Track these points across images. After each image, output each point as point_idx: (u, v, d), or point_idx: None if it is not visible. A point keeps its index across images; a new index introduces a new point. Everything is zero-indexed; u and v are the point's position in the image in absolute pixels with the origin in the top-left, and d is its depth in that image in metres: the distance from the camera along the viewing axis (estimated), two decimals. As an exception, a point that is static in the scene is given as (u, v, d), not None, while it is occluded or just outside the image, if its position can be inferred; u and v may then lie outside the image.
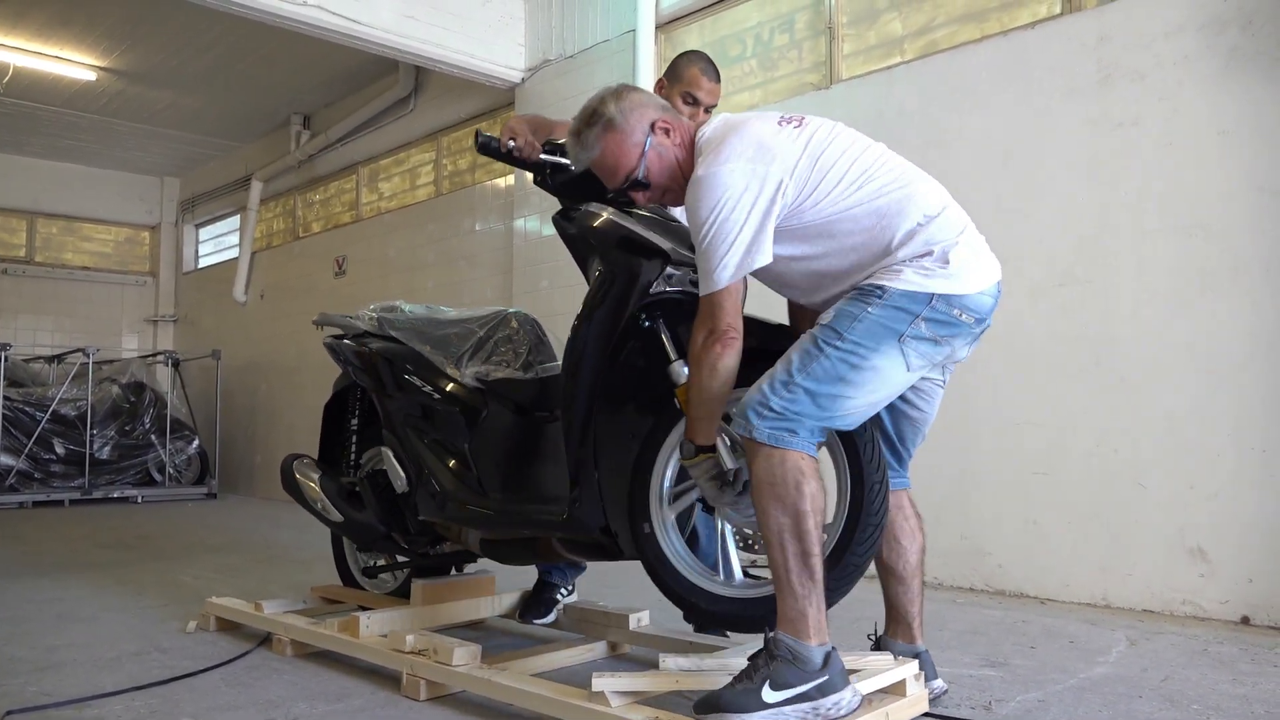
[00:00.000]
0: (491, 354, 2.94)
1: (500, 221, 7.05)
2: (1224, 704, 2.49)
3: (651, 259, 2.32)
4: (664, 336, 2.32)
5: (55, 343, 10.40)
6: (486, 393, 2.87)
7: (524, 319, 3.01)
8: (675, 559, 2.34)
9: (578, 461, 2.41)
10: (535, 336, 2.99)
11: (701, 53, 3.13)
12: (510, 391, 2.86)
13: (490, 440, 2.84)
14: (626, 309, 2.31)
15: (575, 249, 2.48)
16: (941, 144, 4.41)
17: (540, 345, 2.97)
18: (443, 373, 2.90)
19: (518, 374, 2.87)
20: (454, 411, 2.88)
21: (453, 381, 2.89)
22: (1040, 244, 4.05)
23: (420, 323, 3.03)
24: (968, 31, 4.48)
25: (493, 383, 2.87)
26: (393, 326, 3.02)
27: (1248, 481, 3.48)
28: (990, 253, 2.20)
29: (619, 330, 2.33)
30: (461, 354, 2.93)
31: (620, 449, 2.40)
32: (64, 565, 4.89)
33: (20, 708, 2.43)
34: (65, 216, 11.04)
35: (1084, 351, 3.91)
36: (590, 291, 2.39)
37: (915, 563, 2.44)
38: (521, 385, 2.85)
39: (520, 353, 2.93)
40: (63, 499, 8.34)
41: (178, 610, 3.67)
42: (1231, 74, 3.60)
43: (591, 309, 2.37)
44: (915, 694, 2.30)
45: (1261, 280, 3.49)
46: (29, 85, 8.45)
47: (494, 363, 2.92)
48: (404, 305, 3.14)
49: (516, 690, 2.31)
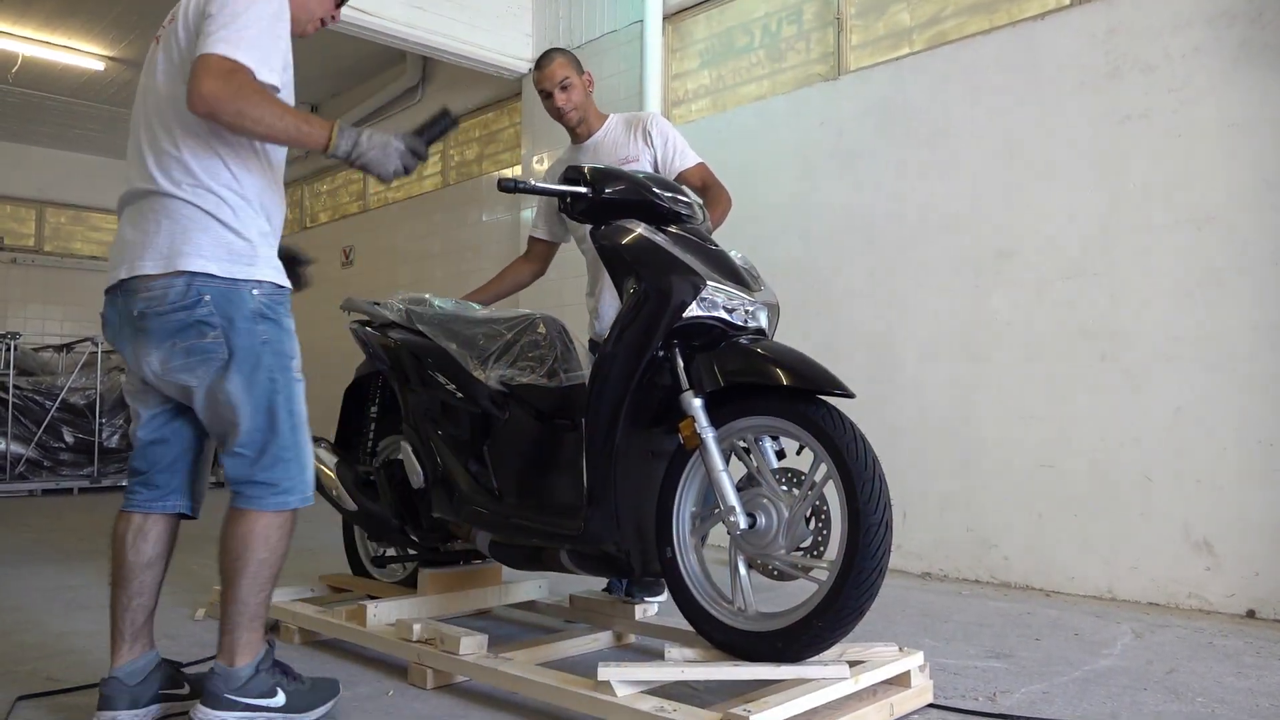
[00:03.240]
0: (518, 358, 2.91)
1: (507, 213, 7.05)
2: (1229, 697, 2.49)
3: (686, 281, 2.28)
4: (678, 364, 2.30)
5: (64, 332, 10.43)
6: (509, 397, 2.86)
7: (552, 324, 2.98)
8: (693, 586, 2.33)
9: (596, 477, 2.38)
10: (562, 344, 2.96)
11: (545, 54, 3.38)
12: (533, 398, 2.84)
13: (509, 445, 2.84)
14: (659, 329, 2.28)
15: (612, 266, 2.44)
16: (949, 136, 4.40)
17: (567, 353, 2.93)
18: (467, 373, 2.88)
19: (542, 381, 2.84)
20: (475, 413, 2.87)
21: (477, 383, 2.86)
22: (1047, 237, 4.04)
23: (448, 319, 3.00)
24: (976, 23, 4.46)
25: (516, 387, 2.85)
26: (420, 320, 3.00)
27: (1254, 475, 3.47)
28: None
29: (650, 350, 2.30)
30: (488, 355, 2.90)
31: (641, 468, 2.39)
32: (73, 553, 4.92)
33: (30, 694, 2.46)
34: (74, 206, 11.07)
35: (1091, 344, 3.90)
36: (623, 308, 2.37)
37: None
38: (545, 393, 2.83)
39: (546, 359, 2.89)
40: (71, 487, 8.37)
41: (185, 598, 3.69)
42: (1241, 67, 3.58)
43: (623, 327, 2.34)
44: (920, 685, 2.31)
45: (1269, 274, 3.48)
46: (37, 75, 8.47)
47: (519, 367, 2.89)
48: (434, 299, 3.11)
49: (523, 679, 2.32)
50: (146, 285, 2.04)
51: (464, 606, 3.14)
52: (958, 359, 4.25)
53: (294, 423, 2.14)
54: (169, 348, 2.05)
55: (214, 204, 2.05)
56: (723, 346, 2.29)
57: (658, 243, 2.34)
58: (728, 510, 2.20)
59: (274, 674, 2.14)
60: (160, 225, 2.04)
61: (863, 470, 2.07)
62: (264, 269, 2.10)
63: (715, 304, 2.30)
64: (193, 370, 2.06)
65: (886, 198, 4.57)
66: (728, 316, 2.32)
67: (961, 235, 4.32)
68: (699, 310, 2.28)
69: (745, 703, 2.05)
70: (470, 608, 3.18)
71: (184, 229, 2.03)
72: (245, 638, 2.09)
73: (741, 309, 2.35)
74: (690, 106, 5.76)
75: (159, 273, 2.02)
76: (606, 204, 2.41)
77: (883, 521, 2.05)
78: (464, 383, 2.88)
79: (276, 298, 2.14)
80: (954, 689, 2.51)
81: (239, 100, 1.91)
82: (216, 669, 2.09)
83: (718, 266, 2.36)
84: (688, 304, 2.27)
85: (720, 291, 2.31)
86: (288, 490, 2.12)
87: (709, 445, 2.23)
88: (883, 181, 4.58)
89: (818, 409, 2.15)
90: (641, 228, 2.37)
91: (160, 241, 2.03)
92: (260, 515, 2.10)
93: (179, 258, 2.01)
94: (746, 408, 2.26)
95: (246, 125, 1.93)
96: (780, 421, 2.21)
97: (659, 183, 2.49)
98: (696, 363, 2.27)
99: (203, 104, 1.91)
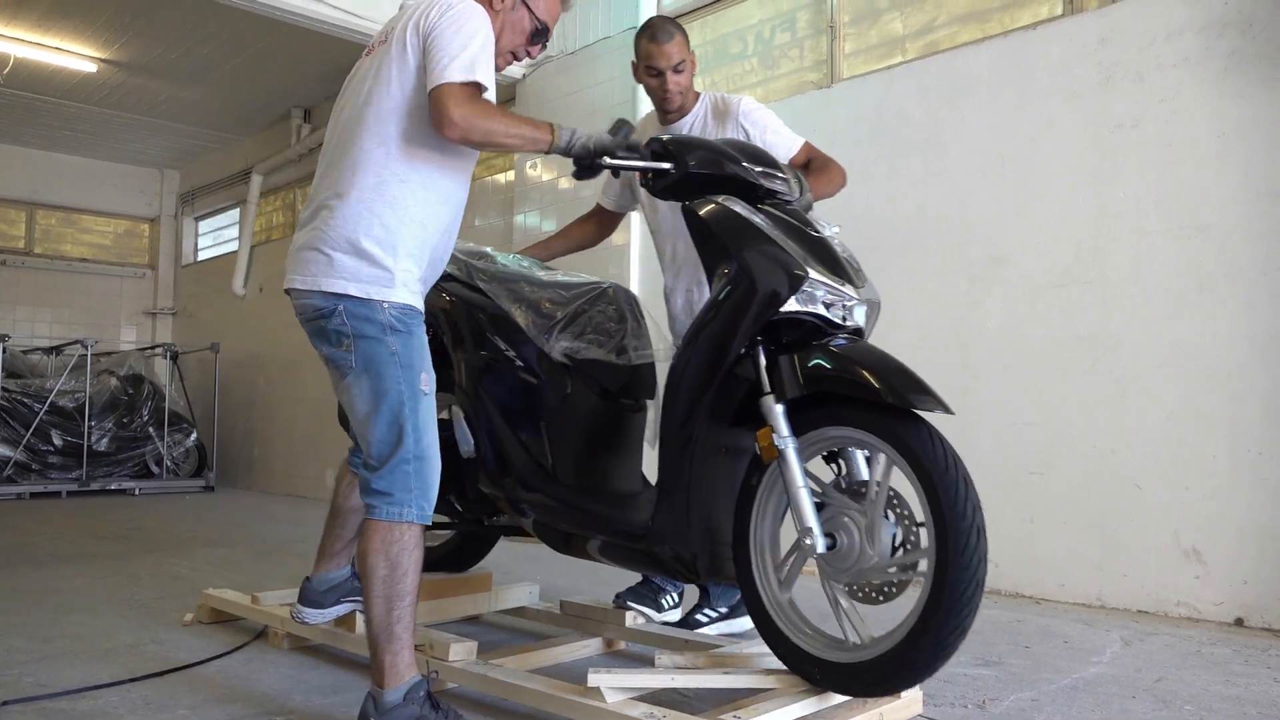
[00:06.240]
0: (585, 329, 2.67)
1: (500, 217, 7.05)
2: (1217, 705, 2.50)
3: (786, 271, 2.07)
4: (761, 365, 2.10)
5: (54, 334, 10.38)
6: (573, 370, 2.66)
7: (624, 296, 2.76)
8: (774, 610, 2.15)
9: (670, 472, 2.19)
10: (633, 317, 2.73)
11: (648, 22, 3.01)
12: (598, 374, 2.65)
13: (569, 422, 2.65)
14: (749, 321, 2.08)
15: (704, 245, 2.24)
16: (941, 144, 4.41)
17: (637, 328, 2.70)
18: (530, 341, 2.66)
19: (610, 357, 2.62)
20: (536, 385, 2.68)
21: (539, 352, 2.66)
22: (1039, 245, 4.05)
23: (512, 279, 2.77)
24: (969, 32, 4.48)
25: (581, 361, 2.64)
26: (481, 277, 2.77)
27: (1243, 483, 3.49)
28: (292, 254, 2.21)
29: (737, 342, 2.10)
30: (554, 324, 2.67)
31: (717, 466, 2.20)
32: (61, 556, 4.89)
33: (17, 698, 2.44)
34: (64, 208, 11.01)
35: (1081, 352, 3.91)
36: (713, 295, 2.18)
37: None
38: (612, 370, 2.62)
39: (614, 333, 2.65)
40: (60, 490, 8.33)
41: (174, 602, 3.67)
42: (1231, 77, 3.60)
43: (710, 315, 2.15)
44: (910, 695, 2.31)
45: (1259, 283, 3.50)
46: (29, 76, 8.43)
47: (586, 339, 2.66)
48: (495, 254, 2.88)
49: (513, 685, 2.31)
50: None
51: (454, 613, 3.12)
52: (949, 366, 4.26)
53: (417, 436, 2.10)
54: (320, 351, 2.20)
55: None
56: (813, 347, 2.08)
57: (756, 224, 2.12)
58: (804, 531, 2.03)
59: (424, 706, 2.08)
60: None
61: (944, 467, 1.87)
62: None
63: (814, 298, 2.09)
64: (330, 375, 2.20)
65: (878, 205, 4.58)
66: (825, 312, 2.10)
67: (953, 242, 4.33)
68: (796, 304, 2.07)
69: (735, 710, 2.05)
70: (460, 614, 3.16)
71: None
72: (388, 660, 2.07)
73: (840, 305, 2.14)
74: (683, 112, 5.76)
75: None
76: (693, 179, 2.21)
77: (975, 525, 1.84)
78: (526, 351, 2.69)
79: (409, 311, 2.15)
80: (943, 696, 2.51)
81: (487, 121, 2.05)
82: (371, 690, 2.10)
83: (819, 255, 2.14)
84: (785, 297, 2.05)
85: (821, 284, 2.09)
86: (403, 503, 2.08)
87: (789, 459, 2.04)
88: (875, 189, 4.59)
89: (913, 428, 1.92)
90: (739, 205, 2.17)
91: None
92: (378, 526, 2.08)
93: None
94: (833, 415, 2.05)
95: (495, 141, 2.08)
96: (868, 436, 2.00)
97: (750, 154, 2.29)
98: (781, 364, 2.07)
99: (456, 130, 2.03)
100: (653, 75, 2.97)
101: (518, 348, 2.69)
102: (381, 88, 2.14)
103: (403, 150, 2.13)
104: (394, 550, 2.06)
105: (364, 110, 2.15)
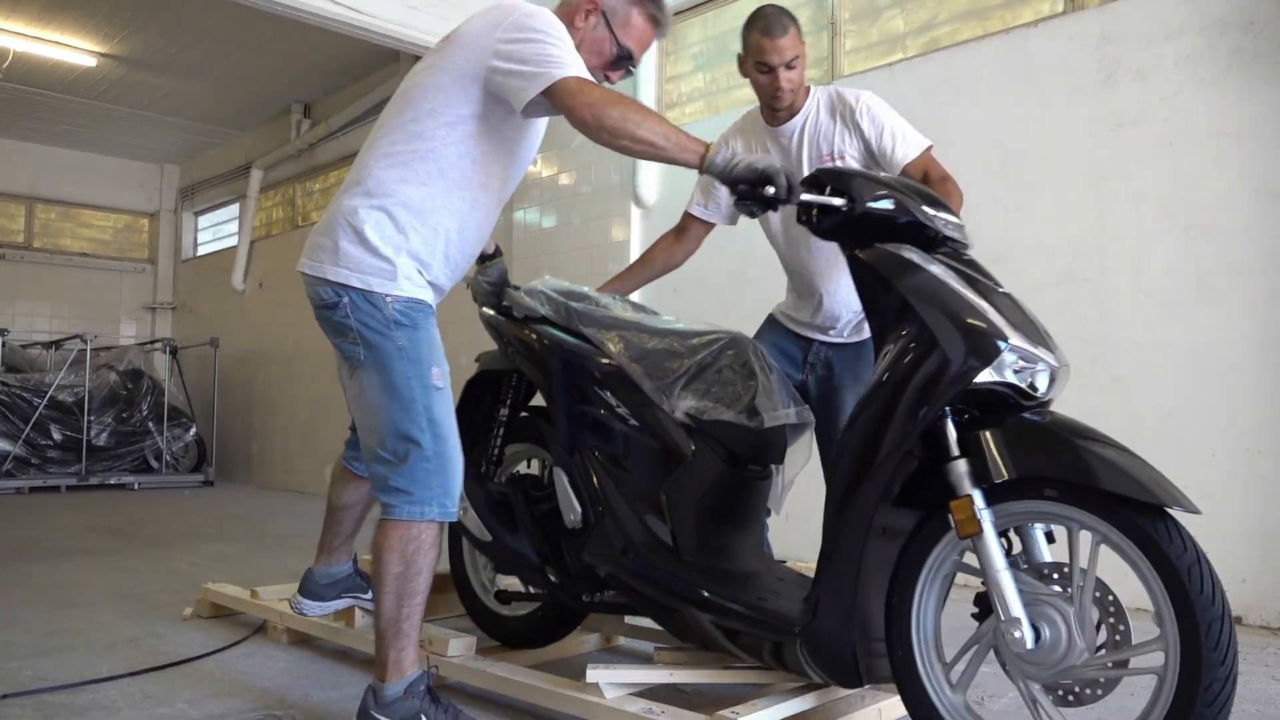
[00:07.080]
0: (711, 387, 2.36)
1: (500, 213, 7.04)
2: (1214, 703, 2.50)
3: (984, 338, 1.77)
4: (948, 425, 1.83)
5: (53, 329, 10.39)
6: (696, 432, 2.34)
7: (751, 348, 2.42)
8: (946, 711, 1.86)
9: (838, 563, 1.89)
10: (763, 372, 2.39)
11: (758, 12, 2.72)
12: (726, 437, 2.32)
13: (693, 491, 2.34)
14: (939, 395, 1.78)
15: (874, 301, 1.95)
16: (942, 141, 4.37)
17: (768, 385, 2.35)
18: (648, 398, 2.36)
19: (741, 419, 2.29)
20: (655, 448, 2.37)
21: (660, 411, 2.35)
22: (1039, 243, 4.05)
23: (622, 326, 2.48)
24: (970, 29, 4.48)
25: (706, 423, 2.33)
26: (585, 322, 2.49)
27: (1241, 482, 3.49)
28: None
29: (923, 417, 1.80)
30: (675, 380, 2.36)
31: (874, 552, 1.90)
32: (60, 551, 4.90)
33: (16, 692, 2.44)
34: (64, 202, 11.01)
35: (1080, 350, 3.91)
36: (891, 356, 1.87)
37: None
38: (741, 432, 2.30)
39: (744, 391, 2.33)
40: (59, 485, 8.34)
41: (174, 596, 3.67)
42: (1232, 75, 3.60)
43: (892, 382, 1.84)
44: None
45: (1258, 282, 3.50)
46: (28, 70, 8.43)
47: (712, 398, 2.34)
48: (595, 295, 2.61)
49: (511, 681, 2.32)
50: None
51: (453, 608, 3.13)
52: (948, 364, 4.25)
53: (434, 432, 2.06)
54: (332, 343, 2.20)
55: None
56: (1012, 424, 1.83)
57: (949, 284, 1.85)
58: (1010, 623, 1.75)
59: (424, 700, 2.07)
60: None
61: (1180, 552, 1.67)
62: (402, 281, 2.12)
63: (1006, 365, 1.81)
64: (340, 368, 2.19)
65: (879, 202, 4.57)
66: (1016, 380, 1.84)
67: (953, 240, 4.32)
68: (991, 375, 1.79)
69: (734, 705, 2.05)
70: (459, 609, 3.17)
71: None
72: (392, 655, 2.06)
73: (1029, 373, 1.87)
74: (684, 109, 5.76)
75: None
76: (865, 220, 1.91)
77: (1224, 616, 1.64)
78: (644, 410, 2.37)
79: (416, 305, 2.12)
80: (942, 693, 2.50)
81: (623, 109, 1.97)
82: (372, 683, 2.09)
83: (1010, 315, 1.86)
84: (979, 369, 1.77)
85: (1017, 350, 1.82)
86: (423, 501, 2.03)
87: (988, 535, 1.78)
88: (875, 186, 4.58)
89: (1159, 524, 1.72)
90: (922, 259, 1.89)
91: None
92: (395, 525, 2.04)
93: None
94: (1035, 489, 1.81)
95: (630, 132, 1.96)
96: (1091, 518, 1.80)
97: (923, 196, 2.02)
98: (980, 441, 1.81)
99: (591, 118, 1.96)
100: (763, 72, 2.71)
101: (633, 405, 2.39)
102: (432, 86, 2.12)
103: (436, 150, 2.10)
104: (410, 549, 2.04)
105: (412, 102, 2.13)
